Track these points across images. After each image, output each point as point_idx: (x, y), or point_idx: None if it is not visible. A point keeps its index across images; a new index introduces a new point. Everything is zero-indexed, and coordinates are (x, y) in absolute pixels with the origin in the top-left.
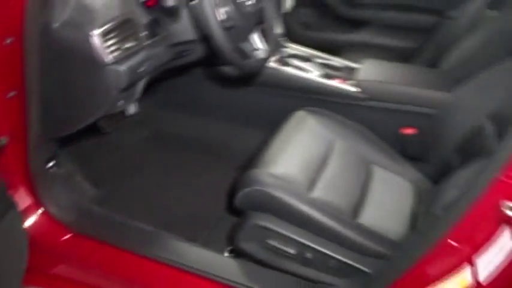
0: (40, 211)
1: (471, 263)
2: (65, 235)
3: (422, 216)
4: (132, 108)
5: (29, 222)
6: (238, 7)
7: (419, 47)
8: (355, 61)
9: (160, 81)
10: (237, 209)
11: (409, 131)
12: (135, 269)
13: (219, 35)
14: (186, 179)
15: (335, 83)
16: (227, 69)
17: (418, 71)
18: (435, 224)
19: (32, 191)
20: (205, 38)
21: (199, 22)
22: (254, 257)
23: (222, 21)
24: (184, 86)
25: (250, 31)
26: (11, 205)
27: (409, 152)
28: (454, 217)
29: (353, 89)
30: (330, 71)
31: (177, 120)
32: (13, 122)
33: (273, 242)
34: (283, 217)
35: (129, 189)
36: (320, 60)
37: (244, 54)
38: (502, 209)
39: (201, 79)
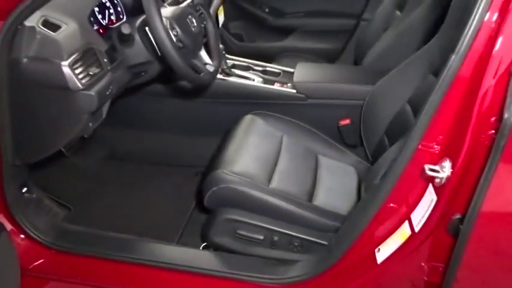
0: (21, 236)
1: (408, 219)
2: (48, 254)
3: (365, 191)
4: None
5: None
6: (185, 29)
7: (342, 47)
8: (289, 66)
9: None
10: (206, 208)
11: (345, 122)
12: (118, 275)
13: (174, 55)
14: (149, 189)
15: (276, 87)
16: (183, 83)
17: (345, 69)
18: (375, 193)
19: (11, 217)
20: (158, 58)
21: (155, 45)
22: (227, 248)
23: (174, 42)
24: (134, 103)
25: (198, 49)
26: (1, 227)
27: (347, 140)
28: (389, 184)
29: (292, 90)
30: (269, 76)
31: (131, 137)
32: None
33: (243, 232)
34: (249, 208)
35: (97, 207)
36: (259, 68)
37: (197, 69)
38: (425, 171)
39: (151, 95)
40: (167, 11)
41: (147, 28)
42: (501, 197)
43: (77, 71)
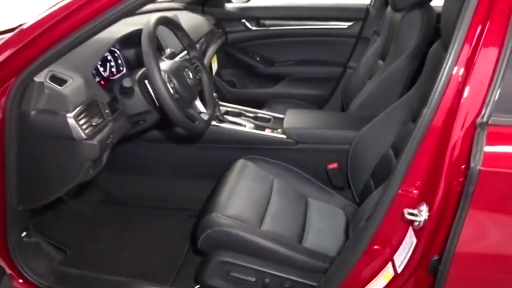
0: (20, 280)
1: (392, 260)
2: None
3: (351, 232)
4: None
5: None
6: (181, 82)
7: (330, 94)
8: (280, 111)
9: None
10: (199, 251)
11: (332, 165)
12: None
13: (171, 106)
14: (144, 232)
15: (266, 133)
16: (177, 130)
17: (332, 115)
18: (361, 235)
19: (11, 262)
20: (156, 108)
21: (154, 96)
22: None
23: (172, 94)
24: (129, 148)
25: (193, 99)
26: (2, 272)
27: (335, 183)
28: (373, 227)
29: (282, 136)
30: (260, 122)
31: (126, 181)
32: None
33: (236, 274)
34: (242, 251)
35: (93, 250)
36: (250, 114)
37: (193, 118)
38: (405, 215)
39: (145, 141)
40: (165, 64)
41: (146, 81)
42: (474, 239)
43: (81, 122)
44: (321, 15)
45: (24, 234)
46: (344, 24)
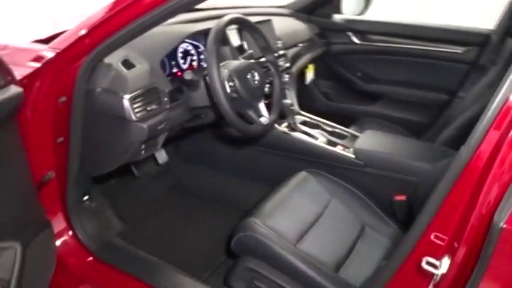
0: (70, 233)
1: None
2: (87, 259)
3: None
4: (162, 159)
5: (59, 241)
6: (243, 82)
7: (430, 122)
8: (360, 131)
9: (186, 138)
10: (232, 252)
11: (400, 198)
12: None
13: (222, 102)
14: (198, 224)
15: (336, 150)
16: (232, 131)
17: (413, 143)
18: (377, 275)
19: (66, 218)
20: (214, 104)
21: (210, 92)
22: None
23: (228, 92)
24: (205, 143)
25: (255, 101)
26: (47, 225)
27: (400, 217)
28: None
29: (351, 155)
30: (334, 138)
31: (197, 172)
32: (59, 161)
33: (259, 284)
34: (270, 263)
35: (150, 228)
36: (328, 128)
37: (249, 120)
38: (422, 264)
39: (219, 138)
40: (233, 63)
41: (207, 77)
42: None
43: (135, 105)
44: (433, 36)
45: (85, 198)
46: (458, 49)
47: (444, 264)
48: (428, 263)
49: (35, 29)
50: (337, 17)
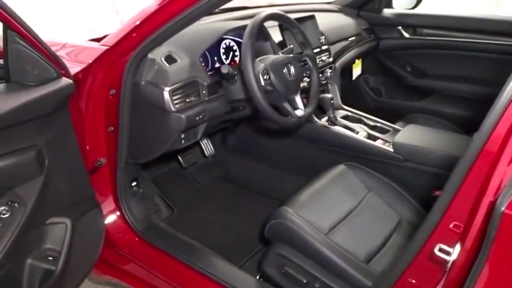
0: (118, 213)
1: None
2: (134, 239)
3: None
4: (208, 152)
5: (108, 221)
6: (279, 75)
7: (481, 117)
8: (403, 126)
9: (232, 132)
10: (266, 239)
11: (439, 192)
12: (183, 278)
13: (256, 95)
14: (241, 213)
15: (373, 143)
16: (270, 124)
17: (456, 137)
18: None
19: (116, 200)
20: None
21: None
22: (273, 281)
23: (263, 85)
24: (249, 136)
25: (290, 94)
26: (97, 205)
27: None
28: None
29: (390, 149)
30: (375, 132)
31: (241, 164)
32: (110, 148)
33: (289, 270)
34: (300, 250)
35: (193, 216)
36: (370, 123)
37: (284, 112)
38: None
39: (261, 131)
40: (271, 58)
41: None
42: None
43: (175, 97)
44: (488, 29)
45: (134, 184)
46: None
47: (456, 251)
48: (441, 250)
49: (102, 27)
50: (387, 12)
